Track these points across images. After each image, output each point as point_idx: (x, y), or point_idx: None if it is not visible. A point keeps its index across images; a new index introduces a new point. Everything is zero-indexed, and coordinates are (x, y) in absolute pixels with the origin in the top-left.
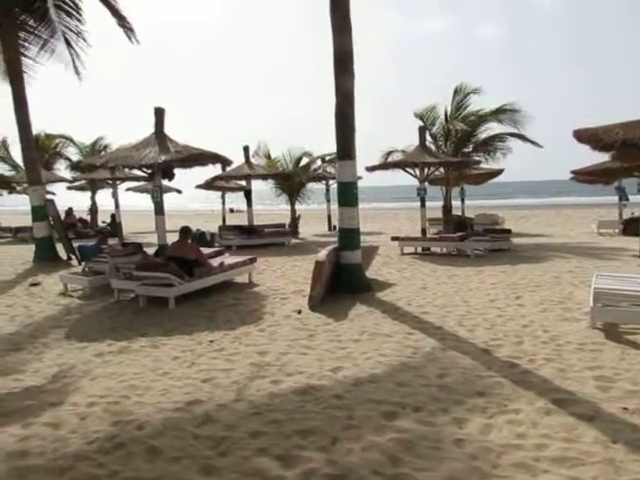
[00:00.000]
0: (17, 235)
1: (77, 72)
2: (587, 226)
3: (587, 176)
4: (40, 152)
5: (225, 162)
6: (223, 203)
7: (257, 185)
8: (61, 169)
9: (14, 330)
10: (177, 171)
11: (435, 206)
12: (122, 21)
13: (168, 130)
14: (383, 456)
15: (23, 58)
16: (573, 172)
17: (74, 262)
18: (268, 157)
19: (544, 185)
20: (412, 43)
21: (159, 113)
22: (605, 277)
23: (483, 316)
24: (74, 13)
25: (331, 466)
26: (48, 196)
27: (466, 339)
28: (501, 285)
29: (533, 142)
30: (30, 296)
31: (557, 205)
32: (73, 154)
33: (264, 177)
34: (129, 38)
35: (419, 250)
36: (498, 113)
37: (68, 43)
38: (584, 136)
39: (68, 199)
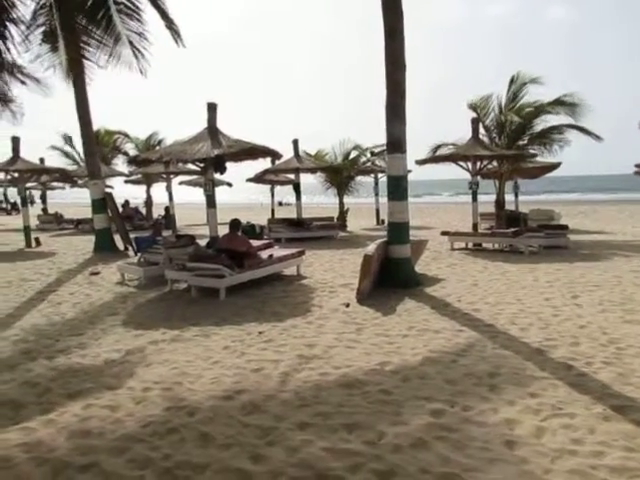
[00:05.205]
0: (78, 227)
1: (141, 71)
2: None
3: None
4: (100, 147)
5: (275, 155)
6: (272, 196)
7: (306, 178)
8: (119, 164)
9: (75, 316)
10: (228, 164)
11: (488, 200)
12: (170, 23)
13: (221, 125)
14: (431, 454)
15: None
16: (638, 166)
17: (130, 253)
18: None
19: (605, 180)
20: (468, 29)
21: (212, 108)
22: None
23: (537, 315)
24: (135, 15)
25: (378, 461)
26: (107, 189)
27: (519, 338)
28: (557, 284)
29: (592, 134)
30: (90, 284)
31: (619, 201)
32: (130, 149)
33: (313, 170)
34: (176, 41)
35: (470, 245)
36: (556, 104)
37: (132, 44)
38: None
39: (125, 192)
